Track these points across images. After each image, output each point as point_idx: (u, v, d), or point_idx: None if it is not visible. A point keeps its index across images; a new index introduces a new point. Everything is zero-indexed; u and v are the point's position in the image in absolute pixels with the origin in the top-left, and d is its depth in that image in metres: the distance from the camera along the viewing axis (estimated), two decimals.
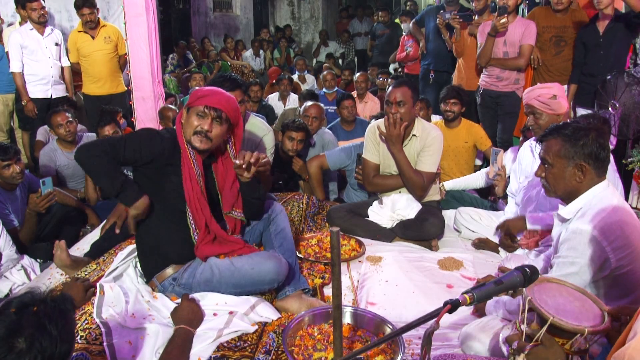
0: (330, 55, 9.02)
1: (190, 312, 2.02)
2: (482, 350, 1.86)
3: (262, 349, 1.97)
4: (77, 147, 3.89)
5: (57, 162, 3.91)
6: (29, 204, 3.19)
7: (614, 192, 1.84)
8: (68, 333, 1.19)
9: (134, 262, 2.43)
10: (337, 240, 1.44)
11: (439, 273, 2.66)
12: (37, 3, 4.63)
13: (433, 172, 3.14)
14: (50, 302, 1.19)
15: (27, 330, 1.12)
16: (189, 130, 2.14)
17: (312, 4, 13.35)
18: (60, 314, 1.18)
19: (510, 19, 4.06)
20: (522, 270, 1.25)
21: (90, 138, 4.13)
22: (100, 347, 1.89)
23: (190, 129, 2.14)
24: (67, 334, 1.18)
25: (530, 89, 2.86)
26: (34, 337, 1.12)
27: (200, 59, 8.45)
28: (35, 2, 4.61)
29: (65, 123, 3.84)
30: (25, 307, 1.15)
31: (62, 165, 3.92)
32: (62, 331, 1.16)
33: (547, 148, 1.89)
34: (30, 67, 4.72)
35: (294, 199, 3.60)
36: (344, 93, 4.77)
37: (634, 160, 3.26)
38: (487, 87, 4.34)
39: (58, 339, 1.15)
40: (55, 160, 3.90)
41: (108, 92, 5.03)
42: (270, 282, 2.18)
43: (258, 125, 3.07)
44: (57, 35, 4.90)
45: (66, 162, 3.92)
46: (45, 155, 3.91)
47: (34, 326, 1.13)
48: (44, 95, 4.80)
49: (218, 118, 2.14)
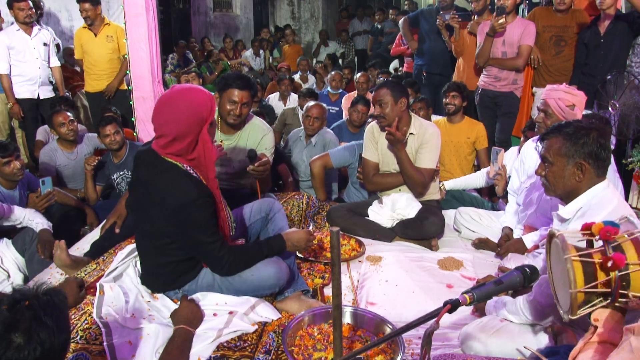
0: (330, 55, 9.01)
1: (190, 312, 2.02)
2: (482, 350, 1.86)
3: (262, 349, 1.97)
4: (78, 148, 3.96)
5: (58, 162, 3.90)
6: (29, 203, 3.19)
7: (614, 192, 1.84)
8: (64, 323, 1.18)
9: (134, 262, 2.42)
10: (337, 240, 1.44)
11: (439, 273, 2.66)
12: (24, 3, 4.53)
13: (432, 168, 3.15)
14: (42, 296, 1.18)
15: (22, 324, 1.10)
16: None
17: (312, 4, 13.36)
18: (54, 305, 1.17)
19: (510, 19, 4.05)
20: (522, 270, 1.26)
21: (92, 138, 4.13)
22: (100, 347, 1.89)
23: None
24: (63, 323, 1.17)
25: (555, 86, 2.79)
26: (31, 329, 1.11)
27: (200, 59, 8.45)
28: (22, 2, 4.52)
29: (67, 122, 3.84)
30: (17, 302, 1.14)
31: (62, 165, 3.91)
32: (58, 321, 1.15)
33: (548, 146, 1.89)
34: (17, 67, 4.64)
35: (294, 199, 3.60)
36: (361, 96, 4.74)
37: (634, 160, 3.26)
38: (485, 87, 4.34)
39: (55, 329, 1.14)
40: (55, 160, 3.90)
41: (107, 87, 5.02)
42: (271, 287, 2.18)
43: (258, 125, 3.07)
44: (45, 35, 4.82)
45: (66, 162, 3.92)
46: (46, 154, 3.90)
47: (29, 319, 1.12)
48: (30, 95, 4.74)
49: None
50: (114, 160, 3.78)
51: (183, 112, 1.91)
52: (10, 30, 4.70)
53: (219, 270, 2.11)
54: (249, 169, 2.77)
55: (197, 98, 1.95)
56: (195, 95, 1.96)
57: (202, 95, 1.98)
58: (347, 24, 10.45)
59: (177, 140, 1.93)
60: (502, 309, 1.96)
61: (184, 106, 1.92)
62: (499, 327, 1.90)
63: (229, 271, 2.10)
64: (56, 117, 3.85)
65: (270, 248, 2.16)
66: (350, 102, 4.60)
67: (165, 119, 1.94)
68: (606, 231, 1.21)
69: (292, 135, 4.41)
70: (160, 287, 2.24)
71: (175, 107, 1.92)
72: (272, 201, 2.58)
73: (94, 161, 3.65)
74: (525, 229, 2.80)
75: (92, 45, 4.92)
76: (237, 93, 2.78)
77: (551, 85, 2.88)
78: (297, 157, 4.22)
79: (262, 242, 2.19)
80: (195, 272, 2.18)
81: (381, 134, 3.17)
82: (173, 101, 1.94)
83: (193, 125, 1.92)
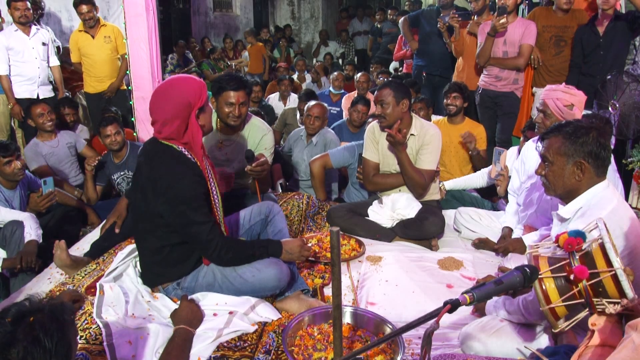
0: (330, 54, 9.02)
1: (190, 312, 2.02)
2: (482, 350, 1.86)
3: (262, 349, 1.97)
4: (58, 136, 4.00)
5: (43, 152, 3.94)
6: (30, 203, 3.19)
7: (614, 192, 1.84)
8: (64, 345, 1.17)
9: (134, 262, 2.42)
10: (337, 240, 1.44)
11: (439, 273, 2.65)
12: (21, 3, 4.51)
13: (433, 169, 3.14)
14: (47, 313, 1.16)
15: (21, 342, 1.10)
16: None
17: (312, 4, 13.35)
18: (58, 325, 1.16)
19: (510, 19, 4.05)
20: (522, 270, 1.25)
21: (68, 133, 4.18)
22: (100, 347, 1.89)
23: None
24: (63, 346, 1.16)
25: (554, 87, 2.80)
26: (27, 350, 1.10)
27: (200, 59, 8.45)
28: (20, 2, 4.50)
29: (46, 113, 3.90)
30: (22, 316, 1.13)
31: (47, 154, 3.96)
32: (58, 344, 1.14)
33: (548, 146, 1.90)
34: (17, 67, 4.63)
35: (294, 199, 3.60)
36: (361, 96, 4.73)
37: (634, 160, 3.26)
38: (486, 87, 4.34)
39: (52, 352, 1.13)
40: (40, 152, 3.93)
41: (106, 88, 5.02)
42: (272, 288, 2.19)
43: (258, 125, 3.07)
44: (44, 35, 4.79)
45: (50, 150, 3.98)
46: (29, 149, 3.95)
47: (28, 338, 1.11)
48: (30, 95, 4.71)
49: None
50: (115, 160, 3.78)
51: (170, 97, 2.05)
52: (8, 30, 4.69)
53: (209, 255, 2.12)
54: (247, 169, 2.77)
55: (184, 85, 2.08)
56: (184, 82, 2.09)
57: (191, 82, 2.11)
58: (347, 24, 10.45)
59: (166, 124, 2.05)
60: (502, 309, 1.96)
61: (172, 92, 2.06)
62: (499, 327, 1.90)
63: (218, 257, 2.11)
64: (34, 109, 3.93)
65: (264, 248, 2.17)
66: (351, 102, 4.60)
67: (156, 105, 2.08)
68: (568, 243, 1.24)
69: (292, 135, 4.41)
70: (157, 279, 2.24)
71: (165, 93, 2.06)
72: (271, 204, 2.59)
73: (94, 161, 3.66)
74: (525, 229, 2.80)
75: (91, 47, 4.92)
76: (233, 94, 2.78)
77: (550, 85, 2.88)
78: (297, 156, 4.21)
79: (256, 241, 2.22)
80: (191, 262, 2.19)
81: (382, 134, 3.17)
82: (164, 89, 2.09)
83: (180, 110, 2.04)
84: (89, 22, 4.83)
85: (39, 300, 1.20)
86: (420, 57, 5.44)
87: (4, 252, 2.89)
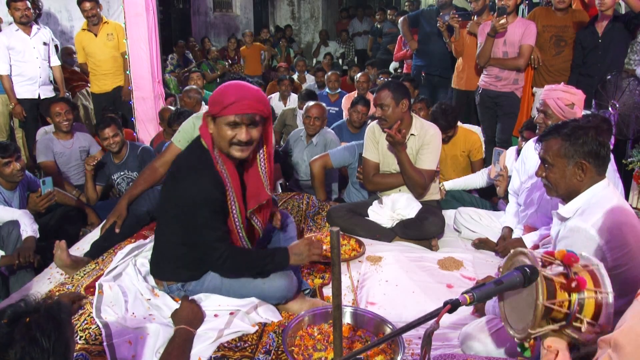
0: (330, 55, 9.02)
1: (191, 312, 2.02)
2: (482, 350, 1.86)
3: (262, 349, 1.97)
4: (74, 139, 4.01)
5: (55, 149, 3.95)
6: (29, 203, 3.19)
7: (614, 191, 1.84)
8: (62, 344, 1.16)
9: (134, 261, 2.42)
10: (337, 240, 1.44)
11: (439, 273, 2.66)
12: (21, 3, 4.51)
13: (433, 169, 3.15)
14: (44, 312, 1.16)
15: (18, 343, 1.10)
16: (223, 142, 1.96)
17: (312, 4, 13.35)
18: (54, 325, 1.16)
19: (510, 19, 4.05)
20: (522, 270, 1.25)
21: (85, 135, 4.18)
22: (100, 347, 1.89)
23: (225, 141, 1.96)
24: (60, 345, 1.15)
25: (553, 86, 2.79)
26: (25, 350, 1.10)
27: (200, 59, 8.46)
28: (20, 2, 4.50)
29: (63, 112, 3.90)
30: (18, 317, 1.13)
31: (58, 153, 3.97)
32: (55, 343, 1.14)
33: (547, 148, 1.89)
34: (18, 67, 4.63)
35: (294, 199, 3.60)
36: (361, 96, 4.73)
37: (634, 160, 3.26)
38: (486, 87, 4.34)
39: (50, 351, 1.12)
40: (52, 148, 3.94)
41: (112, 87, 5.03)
42: (279, 298, 2.17)
43: None
44: (45, 34, 4.79)
45: (62, 150, 3.99)
46: (42, 142, 3.96)
47: (25, 339, 1.10)
48: (31, 95, 4.73)
49: (252, 123, 1.95)
50: (115, 160, 3.78)
51: None
52: (9, 30, 4.69)
53: (214, 262, 2.05)
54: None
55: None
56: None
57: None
58: (347, 24, 10.46)
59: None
60: None
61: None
62: (499, 327, 1.90)
63: (223, 265, 2.05)
64: (54, 107, 3.92)
65: (273, 261, 2.10)
66: (350, 102, 4.60)
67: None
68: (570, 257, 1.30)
69: (292, 135, 4.41)
70: (164, 275, 2.24)
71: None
72: (286, 215, 2.59)
73: (94, 161, 3.66)
74: (525, 229, 2.80)
75: (94, 46, 4.92)
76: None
77: (550, 85, 2.88)
78: (297, 157, 4.22)
79: (267, 253, 2.13)
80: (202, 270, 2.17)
81: (382, 134, 3.17)
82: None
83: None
84: (92, 19, 4.82)
85: (34, 300, 1.20)
86: (419, 57, 5.44)
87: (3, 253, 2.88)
